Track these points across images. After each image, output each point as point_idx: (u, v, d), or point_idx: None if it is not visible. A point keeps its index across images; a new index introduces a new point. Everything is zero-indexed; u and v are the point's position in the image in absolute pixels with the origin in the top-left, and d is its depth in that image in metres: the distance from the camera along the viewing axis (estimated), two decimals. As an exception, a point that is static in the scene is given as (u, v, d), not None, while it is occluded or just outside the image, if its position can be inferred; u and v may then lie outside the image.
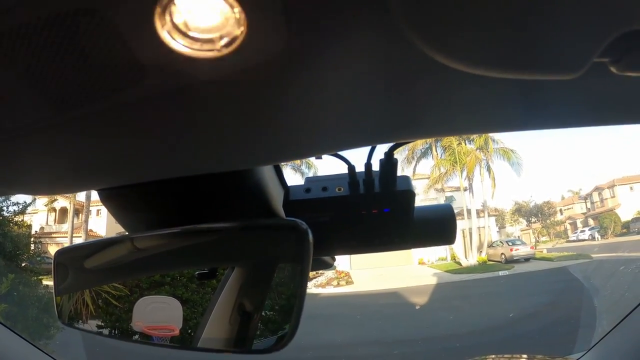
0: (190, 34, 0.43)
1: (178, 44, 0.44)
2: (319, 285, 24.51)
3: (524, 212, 51.07)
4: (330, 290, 23.55)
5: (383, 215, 1.13)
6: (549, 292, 16.68)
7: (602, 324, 9.62)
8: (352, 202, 1.11)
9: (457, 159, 30.29)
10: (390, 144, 1.06)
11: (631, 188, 44.88)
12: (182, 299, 1.06)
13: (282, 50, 0.48)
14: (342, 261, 27.59)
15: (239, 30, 0.43)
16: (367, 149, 1.03)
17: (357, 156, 1.13)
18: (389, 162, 1.08)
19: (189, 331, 1.06)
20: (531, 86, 0.65)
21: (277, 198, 1.14)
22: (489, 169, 31.53)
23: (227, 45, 0.44)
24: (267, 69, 0.51)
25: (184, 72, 0.49)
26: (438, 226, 1.28)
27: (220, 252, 1.11)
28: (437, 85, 0.63)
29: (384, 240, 1.23)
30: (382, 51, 0.52)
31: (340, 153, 1.08)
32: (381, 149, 1.05)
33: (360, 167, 1.10)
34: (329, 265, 1.72)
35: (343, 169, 1.11)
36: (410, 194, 1.11)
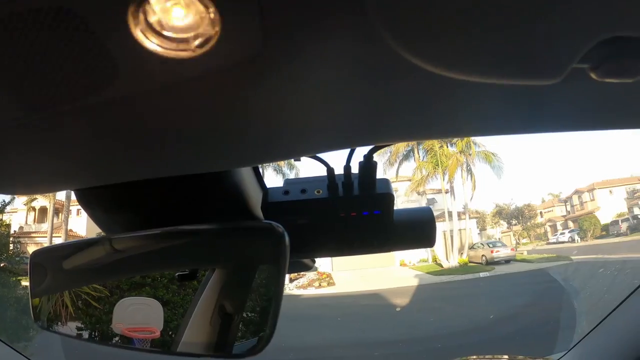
0: (165, 33, 0.43)
1: (152, 44, 0.43)
2: (300, 286, 24.50)
3: (504, 214, 51.63)
4: (312, 291, 23.52)
5: (362, 218, 1.13)
6: (529, 293, 16.82)
7: (581, 325, 9.75)
8: (331, 205, 1.11)
9: (439, 162, 30.48)
10: (370, 147, 1.05)
11: (610, 191, 45.75)
12: (163, 300, 1.05)
13: (258, 51, 0.47)
14: (323, 263, 27.55)
15: (213, 31, 0.43)
16: (347, 151, 1.03)
17: (337, 158, 1.13)
18: (368, 164, 1.07)
19: (170, 333, 1.05)
20: (513, 91, 0.65)
21: (255, 200, 1.13)
22: (470, 171, 31.82)
23: (201, 45, 0.44)
24: (242, 70, 0.51)
25: (157, 72, 0.48)
26: (418, 229, 1.27)
27: (198, 254, 1.10)
28: (417, 89, 0.62)
29: (364, 243, 1.22)
30: (361, 53, 0.52)
31: (320, 155, 1.07)
32: (361, 151, 1.05)
33: (339, 170, 1.09)
34: (309, 267, 1.72)
35: (324, 171, 1.10)
36: (389, 197, 1.11)
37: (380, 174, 1.09)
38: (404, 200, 33.41)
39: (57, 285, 1.18)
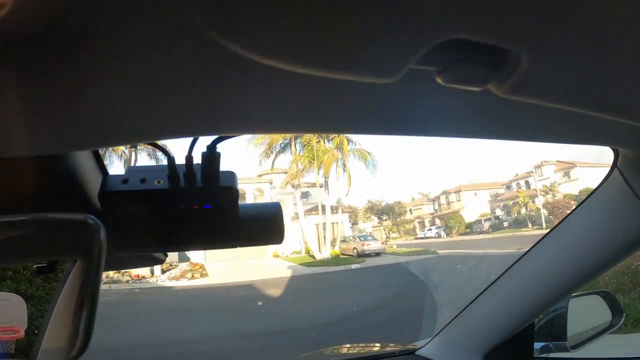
0: None
1: None
2: (172, 278, 24.05)
3: (376, 210, 54.15)
4: (184, 283, 23.20)
5: (204, 211, 1.08)
6: (396, 284, 17.85)
7: (443, 315, 10.53)
8: (171, 197, 1.04)
9: (315, 157, 31.25)
10: (214, 136, 1.01)
11: (475, 194, 51.15)
12: (26, 296, 0.94)
13: (56, 24, 0.42)
14: (196, 253, 27.30)
15: None
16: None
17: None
18: (211, 155, 1.02)
19: (36, 332, 0.93)
20: (358, 89, 0.63)
21: (93, 188, 1.04)
22: (345, 167, 32.92)
23: None
24: (40, 42, 0.45)
25: None
26: (266, 225, 1.22)
27: (17, 247, 0.97)
28: (247, 80, 0.59)
29: (207, 238, 1.15)
30: (175, 42, 0.49)
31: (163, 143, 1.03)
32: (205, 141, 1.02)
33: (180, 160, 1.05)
34: (160, 261, 1.63)
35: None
36: (233, 191, 1.07)
37: (256, 165, 1.04)
38: (279, 192, 34.04)
39: None
